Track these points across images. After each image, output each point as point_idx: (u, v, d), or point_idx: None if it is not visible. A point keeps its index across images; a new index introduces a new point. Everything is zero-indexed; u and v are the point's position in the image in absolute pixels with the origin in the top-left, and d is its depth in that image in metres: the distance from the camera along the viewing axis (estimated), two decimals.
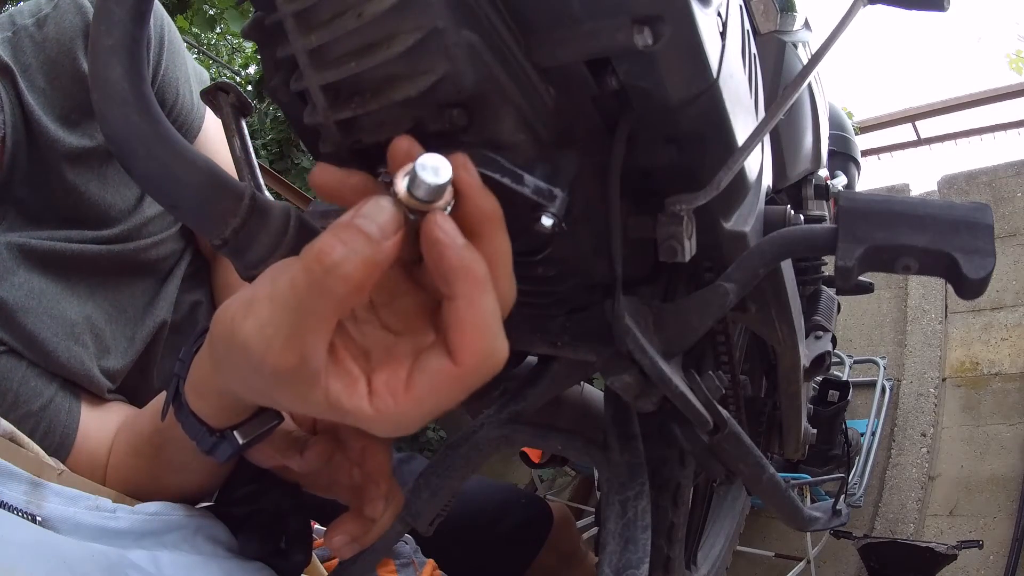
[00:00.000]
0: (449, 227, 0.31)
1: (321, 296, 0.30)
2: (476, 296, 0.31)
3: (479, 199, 0.33)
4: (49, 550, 0.41)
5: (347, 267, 0.29)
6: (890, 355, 2.84)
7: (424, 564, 0.86)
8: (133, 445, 0.64)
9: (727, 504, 1.45)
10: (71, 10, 0.73)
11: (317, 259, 0.30)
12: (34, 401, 0.66)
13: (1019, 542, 2.08)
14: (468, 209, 0.32)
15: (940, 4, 0.52)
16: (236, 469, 0.58)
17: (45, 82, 0.72)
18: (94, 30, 0.35)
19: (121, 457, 0.65)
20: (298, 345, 0.31)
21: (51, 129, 0.72)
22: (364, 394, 0.33)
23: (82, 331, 0.71)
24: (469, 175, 0.33)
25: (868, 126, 4.66)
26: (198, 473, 0.57)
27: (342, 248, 0.30)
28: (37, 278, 0.70)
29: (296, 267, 0.30)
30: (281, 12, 0.35)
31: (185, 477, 0.58)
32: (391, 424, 0.33)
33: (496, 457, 0.89)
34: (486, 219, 0.33)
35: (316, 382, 0.32)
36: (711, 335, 0.69)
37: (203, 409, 0.46)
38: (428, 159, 0.31)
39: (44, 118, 0.71)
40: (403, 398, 0.32)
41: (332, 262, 0.29)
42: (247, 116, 0.50)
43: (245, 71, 2.95)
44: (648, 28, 0.34)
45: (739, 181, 0.50)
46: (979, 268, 0.40)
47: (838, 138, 1.30)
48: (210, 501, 0.61)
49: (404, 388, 0.33)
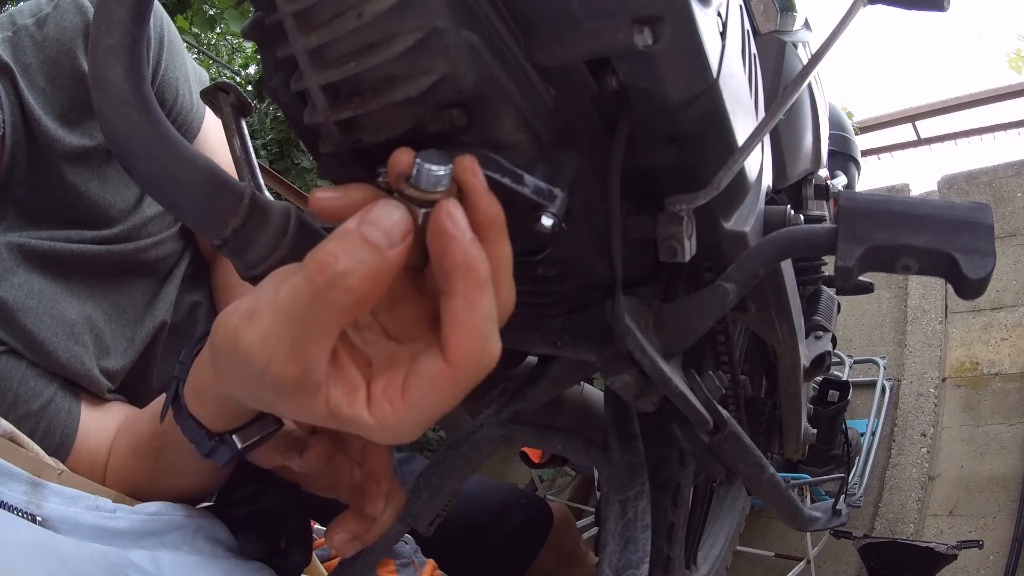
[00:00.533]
0: (460, 217, 0.31)
1: (324, 308, 0.29)
2: (475, 296, 0.31)
3: (484, 202, 0.32)
4: (49, 550, 0.41)
5: (351, 279, 0.29)
6: (890, 355, 2.84)
7: (424, 564, 0.86)
8: (133, 447, 0.64)
9: (727, 504, 1.45)
10: (71, 10, 0.73)
11: (320, 270, 0.29)
12: (34, 401, 0.67)
13: (1019, 542, 2.08)
14: (472, 212, 0.32)
15: (940, 4, 0.52)
16: (236, 469, 0.58)
17: (45, 82, 0.72)
18: (94, 30, 0.35)
19: (121, 459, 0.65)
20: (301, 356, 0.30)
21: (51, 129, 0.72)
22: (364, 402, 0.32)
23: (82, 331, 0.71)
24: (476, 178, 0.32)
25: (868, 126, 4.66)
26: (198, 476, 0.57)
27: (346, 258, 0.29)
28: (37, 278, 0.70)
29: (298, 277, 0.30)
30: (281, 12, 0.35)
31: (185, 479, 0.58)
32: (391, 432, 0.32)
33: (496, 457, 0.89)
34: (490, 223, 0.32)
35: (317, 392, 0.32)
36: (711, 335, 0.69)
37: (203, 413, 0.45)
38: (429, 152, 0.31)
39: (44, 118, 0.72)
40: (400, 404, 0.32)
41: (335, 273, 0.28)
42: (247, 116, 0.50)
43: (245, 71, 2.95)
44: (648, 28, 0.34)
45: (739, 181, 0.50)
46: (979, 268, 0.40)
47: (838, 138, 1.30)
48: (210, 501, 0.61)
49: (401, 394, 0.32)
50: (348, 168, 0.42)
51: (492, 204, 0.33)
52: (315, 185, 2.27)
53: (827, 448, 2.15)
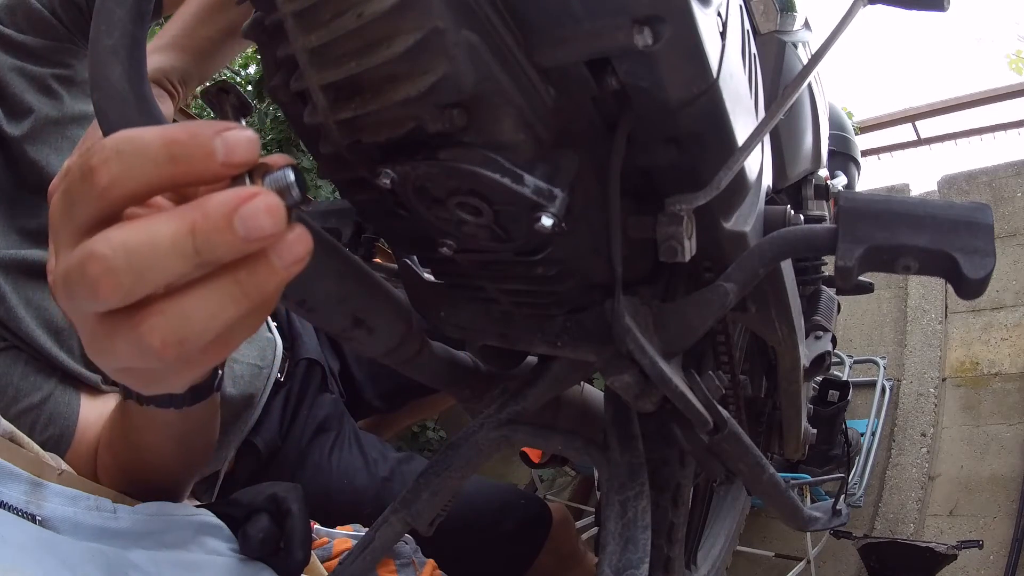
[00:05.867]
0: (270, 208, 0.27)
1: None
2: (153, 220, 0.27)
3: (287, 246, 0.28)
4: (49, 550, 0.41)
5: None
6: (890, 355, 2.84)
7: (424, 564, 0.86)
8: (106, 440, 0.66)
9: (727, 504, 1.45)
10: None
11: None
12: (35, 395, 0.68)
13: (1019, 542, 2.08)
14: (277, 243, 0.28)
15: (940, 4, 0.52)
16: (235, 469, 0.58)
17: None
18: (94, 30, 0.35)
19: (103, 457, 0.66)
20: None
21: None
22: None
23: (66, 326, 0.72)
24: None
25: (868, 126, 4.65)
26: (167, 452, 0.57)
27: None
28: (23, 282, 0.71)
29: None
30: (281, 12, 0.35)
31: (158, 459, 0.58)
32: None
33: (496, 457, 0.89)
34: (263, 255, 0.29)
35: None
36: (711, 335, 0.69)
37: None
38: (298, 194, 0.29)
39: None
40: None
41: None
42: (247, 116, 0.50)
43: (245, 71, 2.95)
44: (648, 28, 0.34)
45: (739, 181, 0.50)
46: (979, 268, 0.40)
47: (838, 138, 1.30)
48: (209, 500, 0.61)
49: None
50: (348, 168, 0.42)
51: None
52: (315, 185, 2.27)
53: (827, 448, 2.15)
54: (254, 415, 1.01)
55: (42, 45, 0.77)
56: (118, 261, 0.26)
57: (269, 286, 0.28)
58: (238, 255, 0.27)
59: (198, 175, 0.27)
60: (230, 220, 0.26)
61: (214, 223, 0.26)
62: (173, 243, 0.26)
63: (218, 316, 0.28)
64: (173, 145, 0.27)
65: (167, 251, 0.26)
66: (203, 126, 0.27)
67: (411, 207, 0.42)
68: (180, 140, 0.27)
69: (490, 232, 0.41)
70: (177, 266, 0.26)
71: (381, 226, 0.53)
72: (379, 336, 0.49)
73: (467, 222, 0.41)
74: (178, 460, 0.58)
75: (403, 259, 0.58)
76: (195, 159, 0.27)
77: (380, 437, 1.24)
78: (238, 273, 0.28)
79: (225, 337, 0.29)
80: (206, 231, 0.26)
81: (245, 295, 0.28)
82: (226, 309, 0.28)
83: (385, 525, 0.59)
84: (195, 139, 0.27)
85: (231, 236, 0.26)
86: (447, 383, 0.61)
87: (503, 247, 0.43)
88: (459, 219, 0.41)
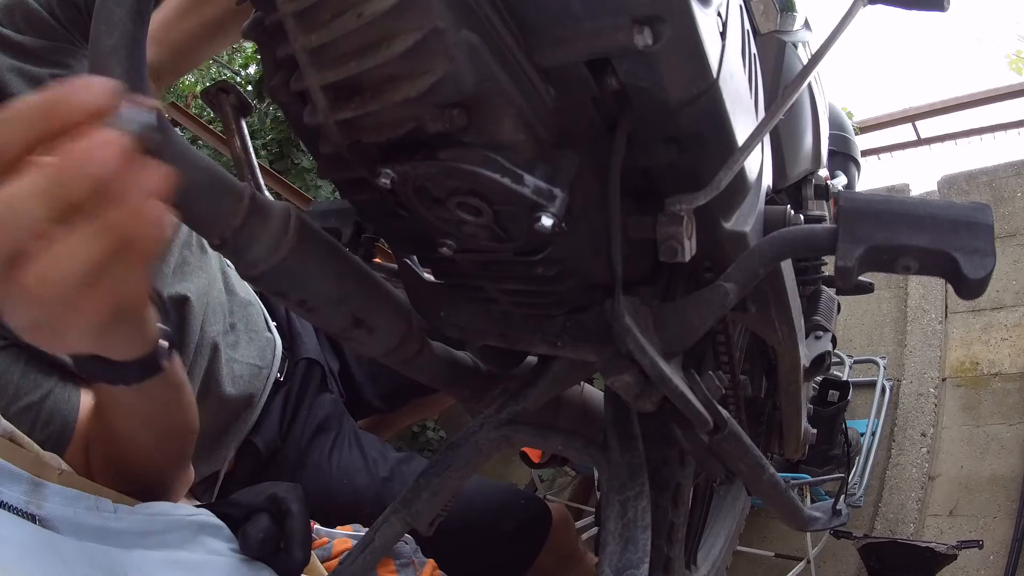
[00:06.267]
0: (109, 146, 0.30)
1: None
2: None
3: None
4: (49, 550, 0.41)
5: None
6: (890, 355, 2.84)
7: (424, 564, 0.86)
8: (93, 434, 0.66)
9: (727, 504, 1.45)
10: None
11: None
12: (35, 392, 0.68)
13: (1019, 542, 2.08)
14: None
15: (940, 4, 0.52)
16: (235, 469, 0.58)
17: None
18: (94, 30, 0.35)
19: (92, 452, 0.67)
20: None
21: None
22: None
23: None
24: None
25: (868, 126, 4.65)
26: (141, 439, 0.58)
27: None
28: None
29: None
30: (281, 12, 0.35)
31: (133, 446, 0.58)
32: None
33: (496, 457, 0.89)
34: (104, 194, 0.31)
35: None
36: (711, 335, 0.69)
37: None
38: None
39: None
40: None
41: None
42: (247, 116, 0.50)
43: (245, 71, 2.95)
44: (648, 28, 0.34)
45: (739, 181, 0.50)
46: (979, 268, 0.40)
47: (838, 138, 1.30)
48: (209, 500, 0.61)
49: None
50: (348, 168, 0.42)
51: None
52: (315, 185, 2.27)
53: (827, 448, 2.14)
54: (254, 415, 1.01)
55: (40, 45, 0.77)
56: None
57: (127, 220, 0.30)
58: (88, 192, 0.29)
59: (63, 121, 0.30)
60: (74, 157, 0.29)
61: (61, 163, 0.29)
62: (30, 187, 0.29)
63: (83, 252, 0.30)
64: (45, 100, 0.30)
65: (26, 195, 0.29)
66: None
67: (411, 207, 0.42)
68: (50, 95, 0.30)
69: (490, 232, 0.41)
70: (36, 208, 0.29)
71: (381, 226, 0.53)
72: (379, 336, 0.49)
73: (467, 222, 0.41)
74: (154, 447, 0.58)
75: (403, 259, 0.58)
76: (59, 105, 0.30)
77: (380, 437, 1.24)
78: (96, 210, 0.30)
79: (103, 279, 0.31)
80: (54, 170, 0.29)
81: (106, 230, 0.30)
82: (91, 244, 0.30)
83: (385, 525, 0.59)
84: (61, 90, 0.30)
85: (74, 171, 0.29)
86: (447, 383, 0.61)
87: (503, 247, 0.43)
88: (459, 219, 0.41)
